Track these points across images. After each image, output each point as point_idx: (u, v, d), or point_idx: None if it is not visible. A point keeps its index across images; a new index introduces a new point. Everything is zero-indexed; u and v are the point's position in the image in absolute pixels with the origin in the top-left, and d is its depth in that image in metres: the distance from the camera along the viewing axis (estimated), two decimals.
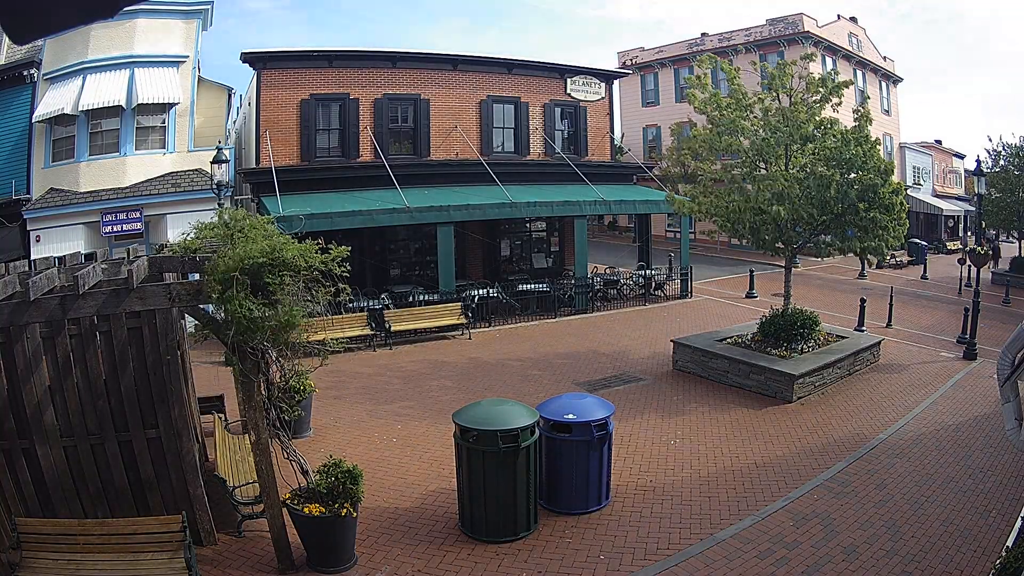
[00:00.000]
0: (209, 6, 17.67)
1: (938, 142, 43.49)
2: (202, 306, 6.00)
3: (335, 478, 6.34)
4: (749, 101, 13.07)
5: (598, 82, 22.49)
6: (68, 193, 15.78)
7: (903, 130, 38.77)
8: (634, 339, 15.49)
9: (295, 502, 6.31)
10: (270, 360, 6.29)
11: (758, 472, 8.45)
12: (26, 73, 15.99)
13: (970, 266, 16.94)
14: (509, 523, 6.84)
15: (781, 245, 13.07)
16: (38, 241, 15.40)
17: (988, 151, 29.59)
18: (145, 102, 16.03)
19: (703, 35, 35.04)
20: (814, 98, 12.90)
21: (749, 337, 12.98)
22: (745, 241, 14.00)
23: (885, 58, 37.55)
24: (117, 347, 6.41)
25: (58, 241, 15.22)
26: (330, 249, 6.06)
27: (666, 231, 32.32)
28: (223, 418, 9.10)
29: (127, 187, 16.08)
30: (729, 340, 12.99)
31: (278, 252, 5.65)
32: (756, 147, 12.80)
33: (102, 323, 6.36)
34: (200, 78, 17.85)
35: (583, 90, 22.09)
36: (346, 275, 6.07)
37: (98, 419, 6.36)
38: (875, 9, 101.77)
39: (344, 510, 6.17)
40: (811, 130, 12.59)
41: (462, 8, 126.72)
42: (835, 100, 12.84)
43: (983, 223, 25.95)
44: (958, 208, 39.78)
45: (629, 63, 36.78)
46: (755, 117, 13.06)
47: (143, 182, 16.22)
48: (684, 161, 13.87)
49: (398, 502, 7.68)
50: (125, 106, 15.90)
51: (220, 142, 15.80)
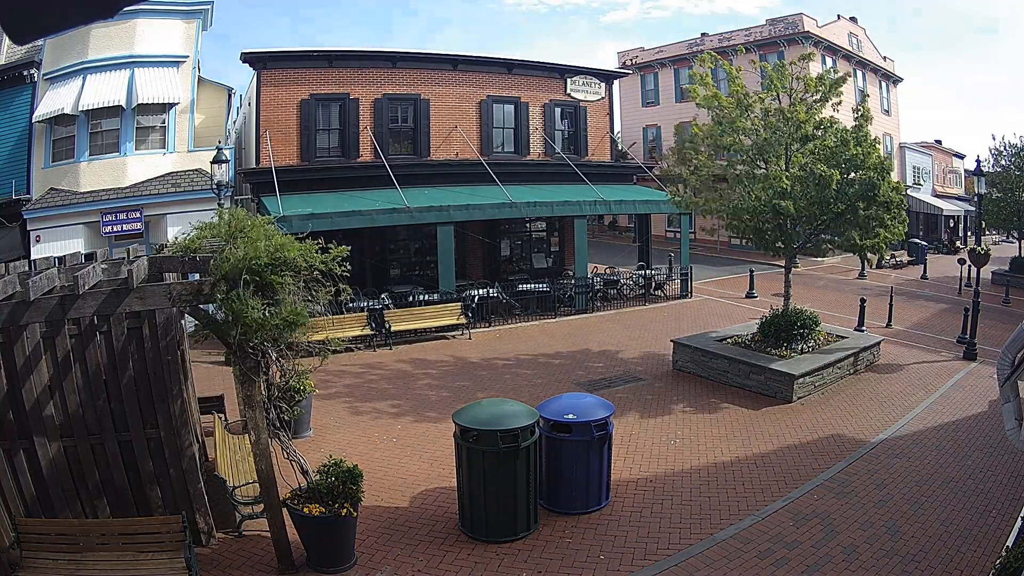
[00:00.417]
0: (209, 6, 17.67)
1: (938, 142, 43.48)
2: (202, 306, 6.00)
3: (335, 478, 6.34)
4: (750, 101, 13.07)
5: (598, 82, 22.49)
6: (68, 193, 15.78)
7: (903, 130, 38.82)
8: (634, 339, 15.48)
9: (295, 502, 6.31)
10: (270, 360, 6.28)
11: (758, 472, 8.45)
12: (26, 73, 15.99)
13: (970, 266, 16.91)
14: (509, 523, 6.84)
15: (781, 245, 13.07)
16: (38, 241, 15.40)
17: (990, 150, 29.61)
18: (145, 102, 16.03)
19: (703, 35, 35.05)
20: (814, 97, 12.90)
21: (749, 337, 12.98)
22: (745, 241, 14.01)
23: (885, 58, 37.54)
24: (117, 347, 6.41)
25: (58, 241, 15.23)
26: (330, 249, 6.07)
27: (666, 231, 32.32)
28: (223, 418, 9.11)
29: (127, 187, 16.08)
30: (729, 340, 12.99)
31: (281, 252, 5.65)
32: (757, 146, 12.81)
33: (102, 323, 6.36)
34: (200, 78, 17.84)
35: (583, 90, 22.09)
36: (346, 275, 6.08)
37: (98, 419, 6.36)
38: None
39: (344, 510, 6.17)
40: (811, 130, 12.60)
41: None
42: (835, 99, 12.84)
43: (983, 223, 25.95)
44: (958, 208, 39.76)
45: (629, 63, 36.78)
46: (755, 117, 13.06)
47: (143, 182, 16.22)
48: (687, 157, 13.82)
49: (398, 502, 7.68)
50: (125, 106, 15.90)
51: (220, 142, 15.80)
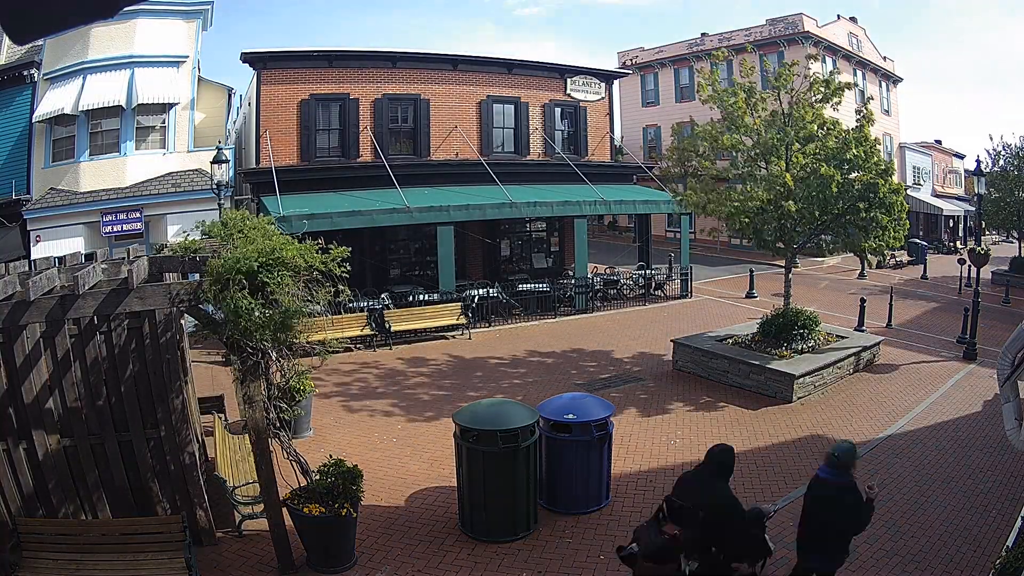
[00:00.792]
0: (209, 6, 17.68)
1: (938, 142, 43.47)
2: (202, 306, 6.00)
3: (335, 478, 6.34)
4: (754, 100, 13.08)
5: (598, 82, 22.49)
6: (68, 193, 15.78)
7: (903, 130, 38.82)
8: (634, 339, 15.48)
9: (295, 502, 6.31)
10: (270, 360, 6.28)
11: (758, 472, 8.44)
12: (26, 73, 15.99)
13: (970, 266, 16.91)
14: (509, 523, 6.84)
15: (782, 245, 13.07)
16: (38, 241, 15.40)
17: (988, 151, 29.60)
18: (145, 102, 16.04)
19: (703, 35, 35.04)
20: (816, 98, 12.90)
21: (749, 337, 12.98)
22: (746, 241, 14.02)
23: (885, 58, 37.54)
24: (117, 346, 6.42)
25: (58, 241, 15.23)
26: (330, 249, 6.07)
27: (666, 231, 32.31)
28: (223, 418, 9.11)
29: (127, 187, 16.08)
30: (729, 340, 12.99)
31: (277, 252, 5.65)
32: (759, 146, 12.81)
33: (102, 323, 6.36)
34: (200, 78, 17.85)
35: (583, 90, 22.09)
36: (346, 275, 6.08)
37: (98, 418, 6.36)
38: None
39: (344, 510, 6.17)
40: (815, 129, 12.60)
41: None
42: (836, 100, 12.84)
43: (983, 223, 25.94)
44: (958, 208, 39.75)
45: (629, 63, 36.79)
46: (758, 116, 13.07)
47: (143, 182, 16.22)
48: (686, 159, 13.83)
49: (398, 502, 7.68)
50: (125, 106, 15.90)
51: (220, 142, 15.80)
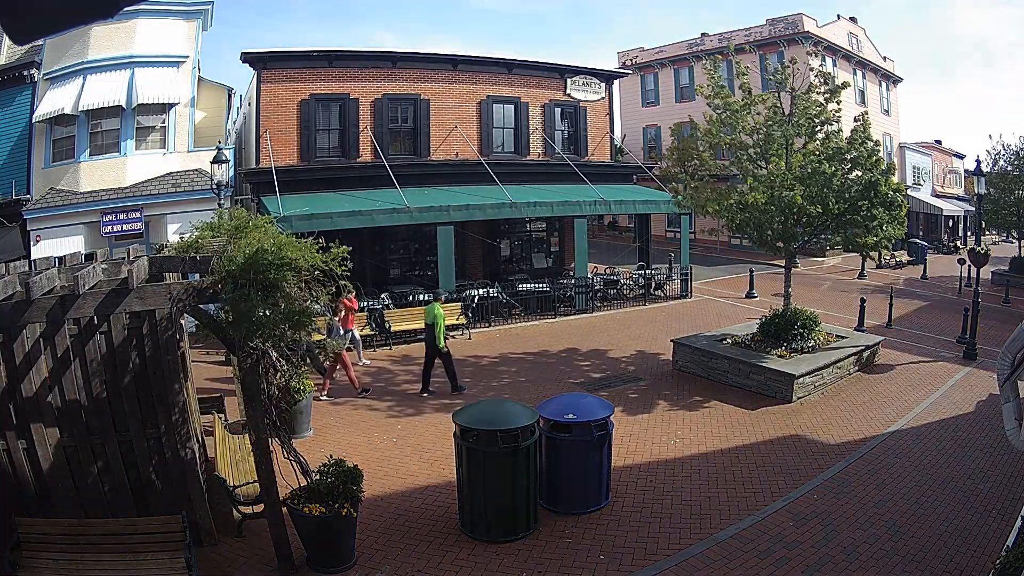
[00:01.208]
0: (209, 6, 17.68)
1: (938, 142, 43.47)
2: (202, 306, 6.00)
3: (335, 478, 6.34)
4: (753, 99, 13.08)
5: (598, 82, 22.49)
6: (68, 193, 15.78)
7: (903, 130, 38.82)
8: (634, 339, 15.48)
9: (295, 502, 6.31)
10: (270, 360, 6.28)
11: (758, 472, 8.45)
12: (26, 73, 15.99)
13: (970, 266, 16.91)
14: (509, 523, 6.84)
15: (782, 244, 13.07)
16: (38, 241, 15.40)
17: (988, 151, 29.62)
18: (145, 102, 16.03)
19: (703, 35, 35.04)
20: (816, 97, 12.91)
21: (749, 337, 12.98)
22: (746, 241, 14.01)
23: (885, 58, 37.54)
24: (117, 347, 6.41)
25: (58, 241, 15.23)
26: (331, 249, 6.07)
27: (666, 231, 32.31)
28: (223, 418, 9.11)
29: (127, 187, 16.08)
30: (729, 340, 12.99)
31: (278, 252, 5.65)
32: (758, 145, 12.81)
33: (102, 322, 6.36)
34: (200, 78, 17.85)
35: (583, 90, 22.08)
36: (346, 275, 6.07)
37: (98, 418, 6.36)
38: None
39: (344, 510, 6.17)
40: (815, 127, 12.60)
41: None
42: (835, 101, 12.84)
43: (983, 223, 25.94)
44: (958, 208, 39.76)
45: (629, 63, 36.79)
46: (758, 115, 13.08)
47: (143, 182, 16.22)
48: (686, 159, 13.83)
49: (398, 502, 7.68)
50: (125, 106, 15.90)
51: (220, 142, 15.81)
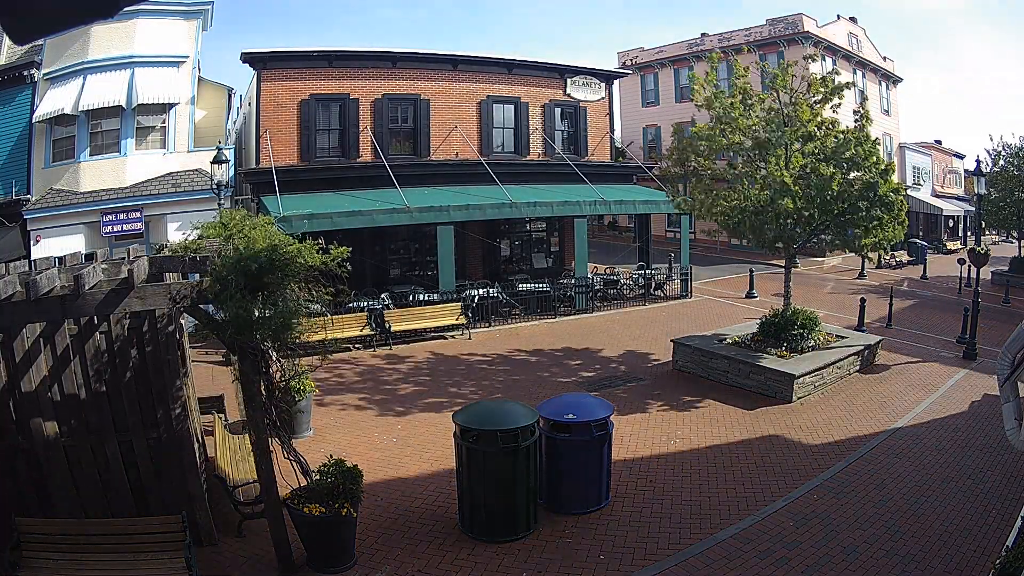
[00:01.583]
0: (209, 6, 17.68)
1: (938, 142, 43.47)
2: (202, 306, 6.00)
3: (335, 478, 6.34)
4: (751, 100, 13.07)
5: (598, 82, 22.49)
6: (68, 193, 15.78)
7: (903, 130, 38.81)
8: (634, 339, 15.48)
9: (295, 502, 6.31)
10: (270, 360, 6.28)
11: (758, 472, 8.45)
12: (26, 73, 15.99)
13: (970, 266, 16.91)
14: (509, 523, 6.84)
15: (781, 245, 13.07)
16: (38, 241, 15.40)
17: (988, 151, 29.61)
18: (145, 102, 16.04)
19: (703, 35, 35.04)
20: (815, 98, 12.90)
21: (749, 337, 12.98)
22: (745, 241, 14.01)
23: (885, 58, 37.53)
24: (117, 346, 6.42)
25: (58, 241, 15.23)
26: (330, 249, 6.07)
27: (666, 231, 32.29)
28: (223, 418, 9.11)
29: (127, 187, 16.08)
30: (729, 340, 12.99)
31: (278, 252, 5.65)
32: (757, 145, 12.81)
33: (102, 322, 6.36)
34: (200, 78, 17.85)
35: (583, 90, 22.08)
36: (346, 275, 6.08)
37: (98, 419, 6.36)
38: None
39: (344, 510, 6.17)
40: (813, 129, 12.59)
41: None
42: (835, 100, 12.83)
43: (983, 223, 25.93)
44: (958, 208, 39.76)
45: (629, 63, 36.78)
46: (756, 116, 13.05)
47: (143, 182, 16.22)
48: (685, 160, 13.83)
49: (398, 502, 7.68)
50: (125, 106, 15.90)
51: (220, 142, 15.81)
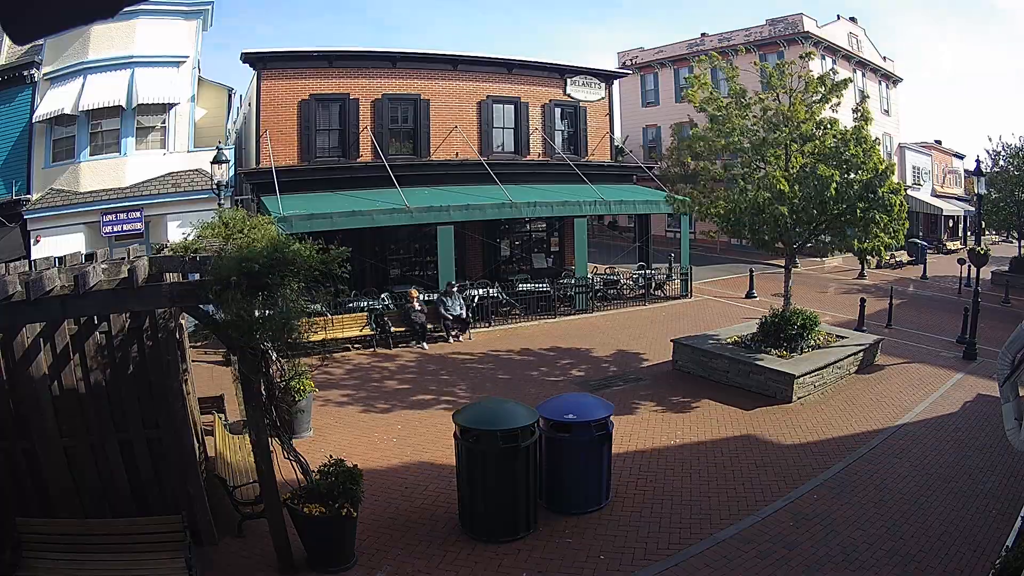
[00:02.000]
0: (209, 6, 17.68)
1: (938, 142, 43.46)
2: (202, 306, 6.00)
3: (335, 478, 6.34)
4: (748, 100, 13.07)
5: (598, 82, 22.49)
6: (68, 193, 15.78)
7: (903, 130, 38.82)
8: (634, 339, 15.48)
9: (295, 502, 6.31)
10: (270, 360, 6.28)
11: (758, 472, 8.45)
12: (26, 73, 15.99)
13: (970, 266, 16.91)
14: (509, 523, 6.84)
15: (781, 245, 13.07)
16: (38, 241, 15.40)
17: (988, 151, 29.62)
18: (145, 102, 16.03)
19: (703, 35, 35.05)
20: (814, 98, 12.89)
21: (749, 337, 12.97)
22: (745, 241, 14.00)
23: (885, 58, 37.54)
24: (117, 347, 6.42)
25: (58, 241, 15.23)
26: (330, 249, 6.06)
27: (666, 231, 32.28)
28: (223, 418, 9.11)
29: (127, 187, 16.08)
30: (729, 340, 12.99)
31: (278, 252, 5.65)
32: (756, 146, 12.80)
33: (102, 323, 6.36)
34: (200, 78, 17.85)
35: (583, 90, 22.08)
36: (346, 276, 6.07)
37: (98, 418, 6.36)
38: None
39: (344, 510, 6.17)
40: (812, 129, 12.58)
41: None
42: (835, 100, 12.82)
43: (983, 223, 25.94)
44: (958, 208, 39.76)
45: (629, 63, 36.78)
46: (755, 117, 13.05)
47: (143, 182, 16.22)
48: (684, 161, 13.85)
49: (398, 502, 7.68)
50: (125, 106, 15.89)
51: (220, 142, 15.80)
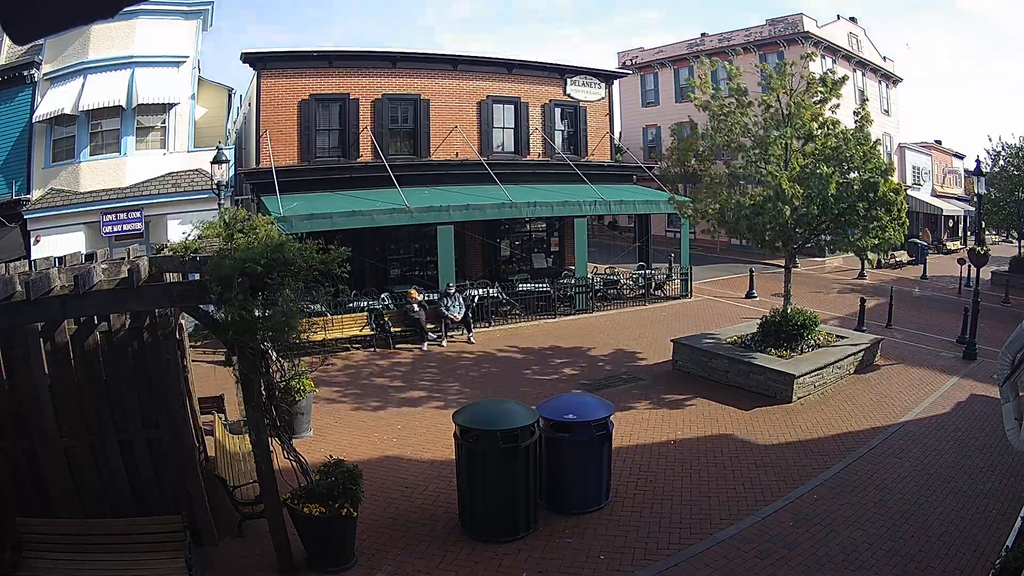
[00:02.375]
0: (209, 6, 17.69)
1: (938, 142, 43.45)
2: (202, 306, 6.00)
3: (335, 478, 6.34)
4: (749, 100, 13.07)
5: (598, 82, 22.49)
6: (68, 193, 15.78)
7: (903, 130, 38.81)
8: (634, 339, 15.48)
9: (295, 502, 6.31)
10: (270, 360, 6.28)
11: (758, 472, 8.45)
12: (26, 73, 15.99)
13: (970, 266, 16.91)
14: (509, 523, 6.84)
15: (781, 245, 13.07)
16: (38, 241, 15.40)
17: (988, 151, 29.60)
18: (145, 102, 16.03)
19: (703, 35, 35.04)
20: (815, 98, 12.90)
21: (749, 337, 12.97)
22: (745, 241, 14.01)
23: (885, 58, 37.53)
24: (117, 347, 6.41)
25: (58, 241, 15.23)
26: (330, 249, 6.07)
27: (666, 231, 32.27)
28: (223, 418, 9.11)
29: (127, 187, 16.08)
30: (729, 340, 12.99)
31: (279, 253, 5.65)
32: (756, 145, 12.81)
33: (102, 323, 6.36)
34: (200, 78, 17.85)
35: (583, 90, 22.08)
36: (346, 276, 6.07)
37: (98, 419, 6.36)
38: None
39: (344, 510, 6.17)
40: (814, 129, 12.59)
41: None
42: (835, 100, 12.83)
43: (983, 223, 25.93)
44: (958, 208, 39.74)
45: (629, 63, 36.77)
46: (755, 116, 13.05)
47: (143, 182, 16.22)
48: (685, 161, 13.85)
49: (398, 502, 7.68)
50: (125, 106, 15.89)
51: (220, 142, 15.79)
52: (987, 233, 34.43)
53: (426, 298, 16.48)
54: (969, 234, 39.63)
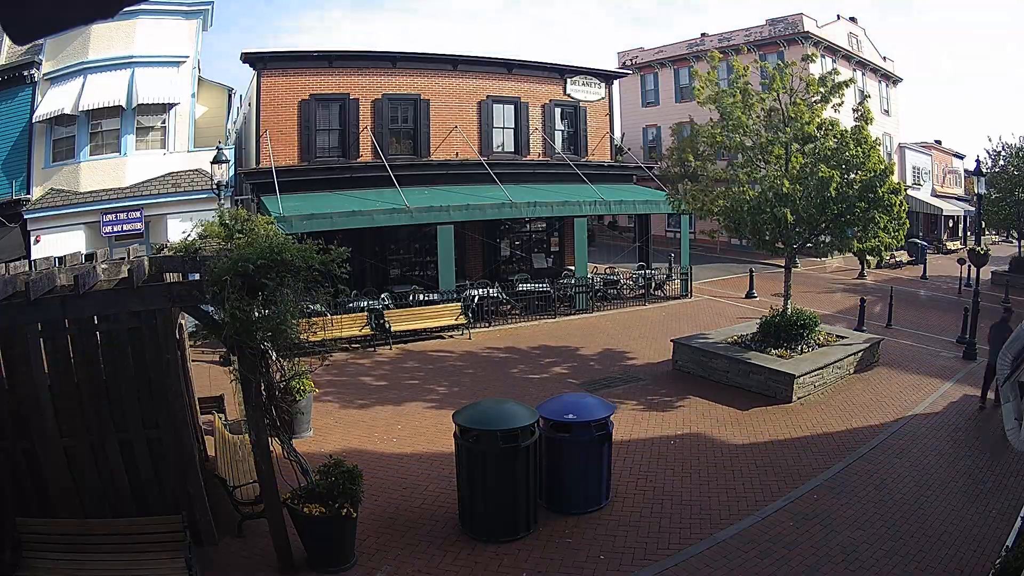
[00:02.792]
0: (209, 6, 17.69)
1: (938, 142, 43.45)
2: (202, 306, 6.00)
3: (335, 478, 6.34)
4: (752, 100, 13.06)
5: (598, 82, 22.49)
6: (68, 193, 15.78)
7: (903, 130, 38.81)
8: (634, 339, 15.48)
9: (295, 502, 6.31)
10: (269, 360, 6.28)
11: (758, 472, 8.45)
12: (26, 73, 15.98)
13: (970, 266, 16.91)
14: (509, 523, 6.84)
15: (781, 245, 13.07)
16: (38, 241, 15.40)
17: (988, 151, 29.61)
18: (145, 102, 16.03)
19: (703, 35, 35.03)
20: (815, 99, 12.90)
21: (749, 337, 12.97)
22: (745, 241, 14.01)
23: (885, 58, 37.54)
24: (117, 347, 6.41)
25: (58, 241, 15.23)
26: (330, 250, 6.06)
27: (666, 231, 32.28)
28: (223, 418, 9.11)
29: (127, 187, 16.08)
30: (729, 340, 12.99)
31: (277, 253, 5.64)
32: (757, 146, 12.81)
33: (102, 323, 6.36)
34: (200, 78, 17.85)
35: (583, 90, 22.08)
36: (346, 276, 6.07)
37: (98, 419, 6.36)
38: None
39: (344, 510, 6.17)
40: (813, 130, 12.58)
41: None
42: (835, 100, 12.83)
43: (983, 223, 25.93)
44: (958, 208, 39.75)
45: (629, 63, 36.78)
46: (757, 116, 13.05)
47: (143, 182, 16.22)
48: (685, 159, 13.84)
49: (398, 502, 7.68)
50: (125, 106, 15.90)
51: (220, 142, 15.79)
52: (987, 233, 34.49)
53: (425, 298, 16.49)
54: (969, 234, 39.63)
